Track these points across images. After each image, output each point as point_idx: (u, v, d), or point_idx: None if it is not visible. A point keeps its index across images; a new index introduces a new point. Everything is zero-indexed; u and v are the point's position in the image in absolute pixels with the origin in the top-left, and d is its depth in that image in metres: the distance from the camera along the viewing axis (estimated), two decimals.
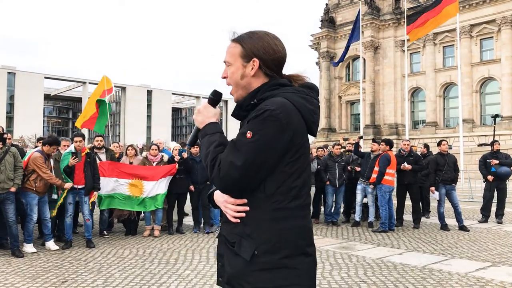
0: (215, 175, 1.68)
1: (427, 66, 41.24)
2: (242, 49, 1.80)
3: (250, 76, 1.81)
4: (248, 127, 1.67)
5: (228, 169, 1.64)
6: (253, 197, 1.72)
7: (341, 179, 9.92)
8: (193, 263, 6.35)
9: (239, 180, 1.66)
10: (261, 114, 1.65)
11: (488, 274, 5.75)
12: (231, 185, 1.69)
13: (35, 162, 6.96)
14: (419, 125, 43.28)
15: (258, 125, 1.65)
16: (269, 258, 1.68)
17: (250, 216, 1.72)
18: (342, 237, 8.55)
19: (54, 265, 6.18)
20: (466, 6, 37.38)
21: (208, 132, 1.79)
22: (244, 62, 1.80)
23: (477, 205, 12.46)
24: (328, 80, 47.20)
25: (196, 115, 1.86)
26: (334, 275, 5.67)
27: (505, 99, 36.19)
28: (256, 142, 1.64)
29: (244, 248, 1.70)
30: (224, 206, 1.78)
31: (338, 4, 47.75)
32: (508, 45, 36.00)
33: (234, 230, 1.75)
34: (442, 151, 9.61)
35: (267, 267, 1.68)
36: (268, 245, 1.69)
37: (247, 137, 1.64)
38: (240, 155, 1.63)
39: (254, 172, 1.66)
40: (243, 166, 1.63)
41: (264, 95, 1.76)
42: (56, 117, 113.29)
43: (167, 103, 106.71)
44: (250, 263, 1.68)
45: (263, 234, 1.70)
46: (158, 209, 8.68)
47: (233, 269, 1.74)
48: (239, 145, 1.65)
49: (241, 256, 1.70)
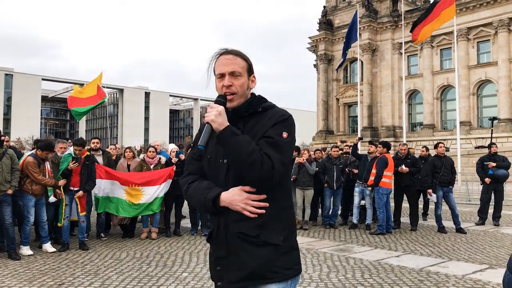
0: (267, 171, 1.86)
1: (424, 68, 41.35)
2: (247, 65, 2.07)
3: (250, 88, 2.10)
4: (281, 129, 1.94)
5: (280, 165, 1.89)
6: (274, 190, 1.95)
7: (339, 182, 9.93)
8: (191, 265, 6.35)
9: (281, 174, 1.93)
10: (287, 119, 1.99)
11: (485, 276, 5.77)
12: (278, 178, 1.92)
13: (26, 167, 6.96)
14: (416, 128, 43.35)
15: (289, 127, 1.97)
16: (289, 242, 1.99)
17: (272, 207, 1.93)
18: (339, 239, 8.55)
19: (50, 268, 6.16)
20: (463, 9, 37.51)
21: (237, 132, 1.91)
22: (249, 76, 2.08)
23: (474, 207, 12.49)
24: (326, 82, 47.25)
25: (216, 116, 1.90)
26: (332, 278, 5.67)
27: (502, 101, 36.29)
28: (291, 141, 1.97)
29: (272, 237, 1.92)
30: (245, 203, 1.90)
31: (336, 6, 47.86)
32: (504, 48, 36.13)
33: (254, 224, 1.91)
34: (439, 153, 9.64)
35: (288, 250, 1.97)
36: (287, 231, 2.00)
37: (284, 137, 1.93)
38: (284, 152, 1.92)
39: (287, 167, 2.02)
40: (287, 163, 1.97)
41: (265, 104, 2.05)
42: (54, 118, 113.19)
43: (165, 105, 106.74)
44: (279, 248, 1.93)
45: (283, 221, 1.99)
46: (156, 212, 8.65)
47: (259, 260, 1.90)
48: (281, 144, 1.92)
49: (269, 244, 1.91)
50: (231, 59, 2.00)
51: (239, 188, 1.92)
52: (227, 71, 1.99)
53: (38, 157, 7.15)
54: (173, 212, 9.18)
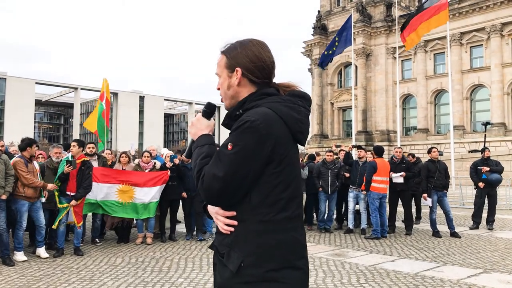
0: (199, 187, 1.72)
1: (418, 73, 41.64)
2: (226, 60, 1.83)
3: (236, 86, 1.82)
4: (229, 139, 1.70)
5: (210, 181, 1.66)
6: (240, 209, 1.72)
7: (334, 186, 9.95)
8: (186, 271, 6.33)
9: (221, 192, 1.67)
10: (242, 125, 1.67)
11: (480, 281, 5.80)
12: (214, 197, 1.71)
13: (15, 167, 6.91)
14: (410, 132, 43.59)
15: (238, 136, 1.67)
16: (255, 270, 1.67)
17: (238, 228, 1.72)
18: (335, 244, 8.57)
19: (45, 274, 6.12)
20: (456, 14, 37.85)
21: (198, 144, 1.83)
22: (229, 73, 1.83)
23: (468, 211, 12.55)
24: (320, 87, 47.41)
25: (189, 127, 1.92)
26: (328, 283, 5.68)
27: (495, 106, 36.61)
28: (236, 153, 1.65)
29: (231, 260, 1.70)
30: (215, 217, 1.79)
31: (330, 11, 48.12)
32: (497, 53, 36.48)
33: (224, 241, 1.77)
34: (433, 158, 9.70)
35: (252, 280, 1.67)
36: (253, 258, 1.68)
37: (228, 149, 1.66)
38: (222, 166, 1.65)
39: (236, 183, 1.67)
40: (224, 178, 1.64)
41: (250, 105, 1.77)
42: (48, 123, 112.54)
43: (160, 109, 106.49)
44: (237, 275, 1.68)
45: (249, 246, 1.69)
46: (151, 217, 8.64)
47: (222, 279, 1.76)
48: (221, 157, 1.67)
49: (227, 266, 1.71)
50: (218, 59, 1.89)
51: None
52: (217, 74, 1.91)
53: (25, 157, 7.13)
54: (168, 217, 9.16)
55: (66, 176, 7.27)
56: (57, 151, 8.08)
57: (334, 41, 23.11)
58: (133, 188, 8.49)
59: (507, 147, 33.85)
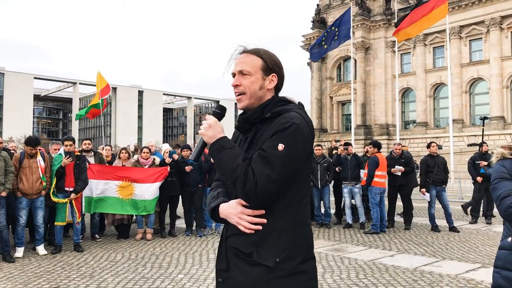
0: (250, 189, 1.70)
1: (417, 66, 41.54)
2: (263, 63, 1.90)
3: (267, 89, 1.91)
4: (278, 140, 1.73)
5: (265, 183, 1.69)
6: (274, 206, 1.77)
7: (324, 180, 9.95)
8: (186, 267, 6.36)
9: (274, 193, 1.73)
10: (289, 127, 1.74)
11: (478, 275, 5.83)
12: (267, 198, 1.73)
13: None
14: (409, 125, 43.56)
15: (288, 138, 1.73)
16: (288, 264, 1.76)
17: (267, 225, 1.76)
18: (334, 239, 8.60)
19: (45, 270, 6.15)
20: (456, 8, 37.72)
21: (226, 146, 1.80)
22: (264, 75, 1.90)
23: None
24: (319, 81, 47.33)
25: (206, 129, 1.85)
26: (327, 278, 5.71)
27: (494, 99, 36.58)
28: (288, 154, 1.71)
29: (265, 257, 1.75)
30: (239, 217, 1.78)
31: (329, 5, 47.90)
32: (496, 46, 36.39)
33: (248, 241, 1.78)
34: (432, 152, 9.71)
35: (286, 273, 1.75)
36: (286, 252, 1.76)
37: (279, 150, 1.71)
38: (275, 168, 1.69)
39: (285, 183, 1.75)
40: (278, 179, 1.71)
41: (276, 109, 1.84)
42: (46, 117, 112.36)
43: (158, 104, 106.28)
44: (272, 270, 1.74)
45: (282, 241, 1.77)
46: (150, 213, 8.66)
47: (251, 279, 1.76)
48: (272, 158, 1.70)
49: (261, 265, 1.74)
50: (243, 57, 1.91)
51: (236, 201, 1.81)
52: (237, 70, 1.91)
53: (26, 153, 7.13)
54: (167, 212, 9.18)
55: (64, 170, 7.27)
56: (56, 148, 8.09)
57: (329, 33, 22.91)
58: (133, 184, 8.50)
59: (506, 140, 33.86)
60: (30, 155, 7.15)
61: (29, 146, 7.12)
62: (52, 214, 7.64)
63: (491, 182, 2.70)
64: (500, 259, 2.58)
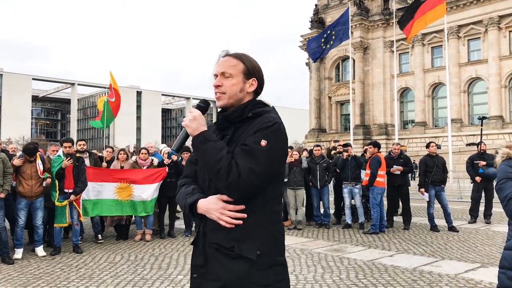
0: (233, 180, 1.75)
1: (415, 66, 41.62)
2: (245, 67, 1.98)
3: (246, 92, 1.99)
4: (261, 136, 1.80)
5: (248, 175, 1.75)
6: (254, 202, 1.84)
7: (323, 181, 9.96)
8: (186, 268, 6.34)
9: (256, 186, 1.79)
10: (272, 125, 1.84)
11: (477, 275, 5.83)
12: (250, 190, 1.79)
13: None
14: (408, 125, 43.63)
15: (270, 135, 1.82)
16: (269, 257, 1.85)
17: (248, 220, 1.82)
18: (333, 239, 8.60)
19: (45, 272, 6.13)
20: (454, 7, 37.80)
21: (210, 139, 1.86)
22: (245, 79, 1.98)
23: (466, 205, 12.59)
24: (318, 81, 47.37)
25: (190, 121, 1.90)
26: (326, 279, 5.71)
27: (492, 99, 36.66)
28: (270, 150, 1.80)
29: (246, 250, 1.81)
30: (220, 213, 1.82)
31: (327, 5, 47.94)
32: (495, 46, 36.47)
33: (229, 236, 1.82)
34: (431, 152, 9.72)
35: (266, 266, 1.83)
36: (267, 246, 1.85)
37: (262, 145, 1.78)
38: (258, 161, 1.77)
39: (268, 178, 1.82)
40: (261, 173, 1.77)
41: (257, 110, 1.94)
42: (45, 118, 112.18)
43: (157, 104, 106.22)
44: (253, 263, 1.81)
45: (262, 235, 1.85)
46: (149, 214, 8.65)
47: (233, 273, 1.81)
48: (256, 152, 1.78)
49: (243, 258, 1.80)
50: (226, 60, 1.98)
51: (216, 196, 1.84)
52: (219, 72, 1.97)
53: (25, 158, 7.12)
54: (166, 213, 9.17)
55: (63, 172, 7.25)
56: (55, 149, 8.08)
57: (329, 34, 22.95)
58: (131, 186, 8.48)
59: (505, 140, 33.93)
60: (29, 161, 7.15)
61: (27, 155, 7.10)
62: (51, 215, 7.62)
63: (498, 182, 2.68)
64: (506, 259, 2.57)
